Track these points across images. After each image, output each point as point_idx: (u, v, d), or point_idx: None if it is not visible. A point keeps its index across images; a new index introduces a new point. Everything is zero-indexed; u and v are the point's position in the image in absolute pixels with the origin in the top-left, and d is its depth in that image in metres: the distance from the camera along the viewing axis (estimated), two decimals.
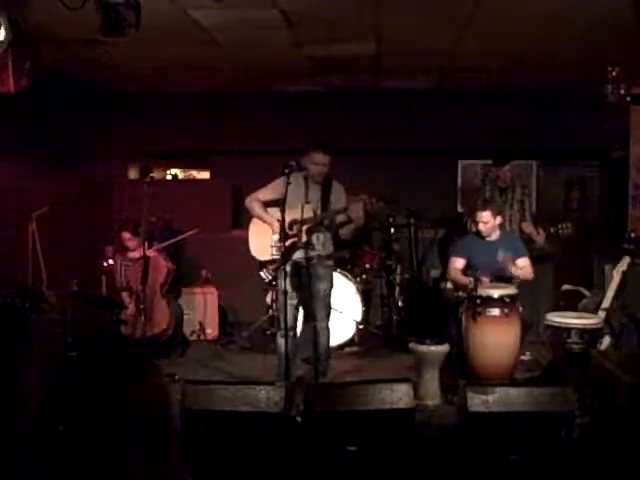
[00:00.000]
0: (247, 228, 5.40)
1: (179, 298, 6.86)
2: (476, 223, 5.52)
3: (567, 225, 5.68)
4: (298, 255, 4.98)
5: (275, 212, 5.02)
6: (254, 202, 5.22)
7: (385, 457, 3.68)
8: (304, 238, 4.88)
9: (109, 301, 6.27)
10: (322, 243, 5.09)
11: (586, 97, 6.48)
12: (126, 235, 6.34)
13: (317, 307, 5.13)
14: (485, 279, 5.23)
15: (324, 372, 5.13)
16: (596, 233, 7.30)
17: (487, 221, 5.42)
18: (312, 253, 4.92)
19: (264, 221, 5.16)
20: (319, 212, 5.01)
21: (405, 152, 7.69)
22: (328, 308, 5.24)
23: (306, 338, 5.25)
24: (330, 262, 5.25)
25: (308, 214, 4.94)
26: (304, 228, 4.91)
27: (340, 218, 5.06)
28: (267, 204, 5.18)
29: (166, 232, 7.10)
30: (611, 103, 4.90)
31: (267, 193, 5.17)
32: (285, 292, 4.83)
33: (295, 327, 5.20)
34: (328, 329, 5.23)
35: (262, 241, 5.17)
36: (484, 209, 5.48)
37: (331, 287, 5.25)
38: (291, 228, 4.92)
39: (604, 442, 3.79)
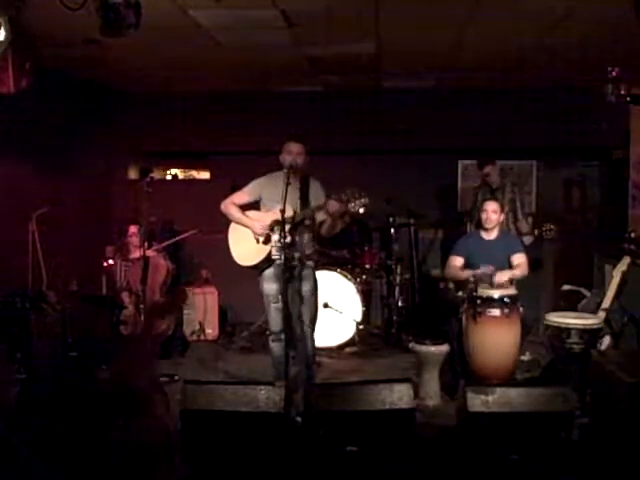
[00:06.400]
0: (227, 235, 5.11)
1: None
2: (483, 212, 5.41)
3: (550, 227, 5.65)
4: (281, 256, 4.59)
5: (254, 215, 4.97)
6: (230, 206, 5.01)
7: (385, 457, 3.67)
8: (288, 238, 4.58)
9: (109, 301, 6.27)
10: (305, 243, 4.91)
11: (586, 97, 6.49)
12: (133, 229, 6.34)
13: (303, 310, 4.96)
14: (489, 270, 5.22)
15: (311, 377, 5.02)
16: (596, 233, 7.30)
17: (495, 210, 5.40)
18: (296, 254, 4.77)
19: (244, 224, 4.97)
20: (298, 211, 4.81)
21: (405, 152, 7.69)
22: (314, 310, 5.04)
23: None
24: (312, 262, 5.03)
25: (289, 214, 4.67)
26: (287, 228, 4.59)
27: (320, 216, 4.85)
28: (245, 207, 5.01)
29: (166, 232, 7.10)
30: (611, 103, 4.88)
31: (243, 196, 5.01)
32: (269, 296, 4.84)
33: (285, 330, 4.79)
34: (313, 333, 5.04)
35: (244, 246, 4.99)
36: (494, 199, 5.63)
37: (315, 288, 5.04)
38: (272, 229, 4.76)
39: (604, 442, 3.79)
